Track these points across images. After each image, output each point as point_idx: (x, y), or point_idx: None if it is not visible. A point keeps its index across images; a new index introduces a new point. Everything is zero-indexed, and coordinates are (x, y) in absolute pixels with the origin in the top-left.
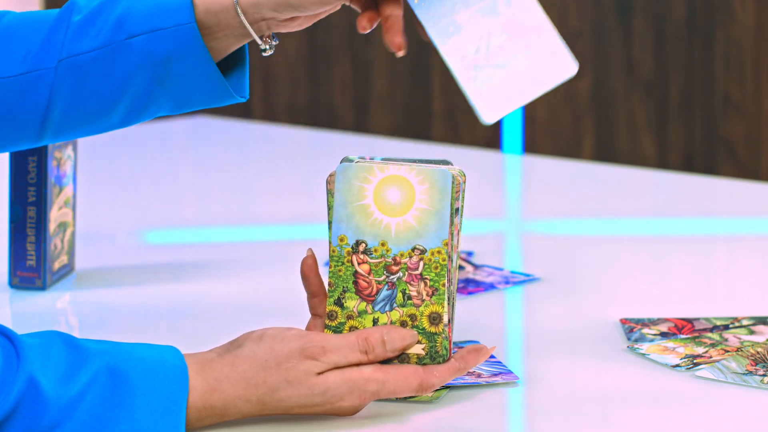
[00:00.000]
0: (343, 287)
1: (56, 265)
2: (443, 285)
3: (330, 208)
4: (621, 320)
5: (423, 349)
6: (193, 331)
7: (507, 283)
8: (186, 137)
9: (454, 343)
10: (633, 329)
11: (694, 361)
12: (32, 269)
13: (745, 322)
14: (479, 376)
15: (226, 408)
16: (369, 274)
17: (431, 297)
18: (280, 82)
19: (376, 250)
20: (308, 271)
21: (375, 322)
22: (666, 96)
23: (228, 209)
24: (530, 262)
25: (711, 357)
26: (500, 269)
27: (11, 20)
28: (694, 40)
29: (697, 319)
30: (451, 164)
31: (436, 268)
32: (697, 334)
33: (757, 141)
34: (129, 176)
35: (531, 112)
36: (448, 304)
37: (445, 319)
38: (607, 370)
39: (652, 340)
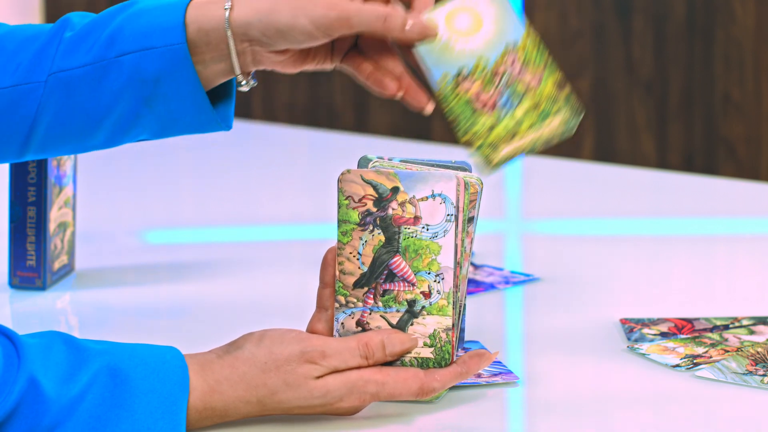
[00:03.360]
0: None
1: (56, 265)
2: (548, 56)
3: (340, 206)
4: (621, 320)
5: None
6: (193, 331)
7: (507, 283)
8: (186, 137)
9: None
10: (633, 329)
11: (694, 361)
12: (32, 269)
13: (745, 322)
14: (479, 376)
15: (226, 409)
16: (482, 90)
17: (544, 71)
18: (279, 82)
19: (476, 68)
20: (332, 259)
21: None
22: (666, 96)
23: (228, 209)
24: (530, 262)
25: (711, 357)
26: (500, 269)
27: (4, 33)
28: (694, 40)
29: (697, 319)
30: (469, 170)
31: (531, 51)
32: (697, 334)
33: (757, 141)
34: (129, 176)
35: None
36: (455, 309)
37: (450, 322)
38: (607, 370)
39: (652, 340)
